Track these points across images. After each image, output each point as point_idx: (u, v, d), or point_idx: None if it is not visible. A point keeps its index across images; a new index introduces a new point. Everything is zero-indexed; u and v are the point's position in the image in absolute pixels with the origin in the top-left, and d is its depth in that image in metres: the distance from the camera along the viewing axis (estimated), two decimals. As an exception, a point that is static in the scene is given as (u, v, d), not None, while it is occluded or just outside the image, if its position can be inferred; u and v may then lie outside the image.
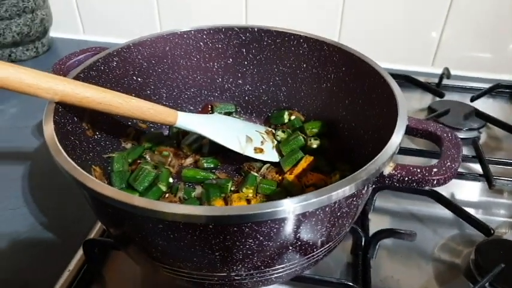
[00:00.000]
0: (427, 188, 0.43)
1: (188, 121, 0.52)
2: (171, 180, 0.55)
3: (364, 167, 0.35)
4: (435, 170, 0.36)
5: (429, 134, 0.42)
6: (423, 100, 0.84)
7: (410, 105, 0.83)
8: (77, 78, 0.48)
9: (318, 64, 0.58)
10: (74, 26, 1.08)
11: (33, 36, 0.97)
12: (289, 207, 0.31)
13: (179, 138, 0.61)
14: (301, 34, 0.58)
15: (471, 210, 0.55)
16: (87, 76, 0.50)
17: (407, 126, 0.42)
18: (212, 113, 0.65)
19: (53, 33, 1.07)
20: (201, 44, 0.61)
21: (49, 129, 0.40)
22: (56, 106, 0.43)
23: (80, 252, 0.51)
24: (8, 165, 0.69)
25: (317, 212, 0.34)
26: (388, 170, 0.37)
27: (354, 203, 0.38)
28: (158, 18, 1.00)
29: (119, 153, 0.55)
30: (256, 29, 0.60)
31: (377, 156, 0.36)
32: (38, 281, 0.50)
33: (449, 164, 0.37)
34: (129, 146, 0.58)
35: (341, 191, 0.33)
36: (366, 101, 0.52)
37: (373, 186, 0.39)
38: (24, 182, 0.65)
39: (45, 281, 0.49)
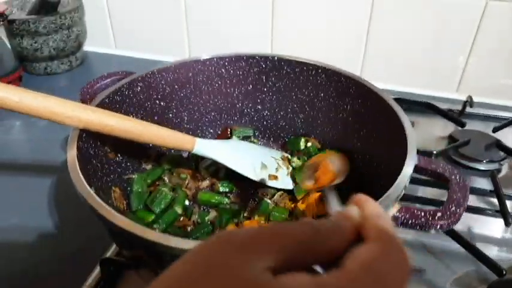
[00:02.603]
0: (433, 231, 0.43)
1: (205, 148, 0.55)
2: (187, 202, 0.57)
3: (367, 209, 0.36)
4: (439, 214, 0.37)
5: (438, 175, 0.42)
6: (445, 127, 0.84)
7: (431, 132, 0.82)
8: (102, 102, 0.51)
9: (335, 94, 0.59)
10: (106, 41, 1.13)
11: (68, 51, 1.01)
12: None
13: (197, 161, 0.64)
14: (319, 65, 0.59)
15: (486, 246, 0.55)
16: (112, 101, 0.53)
17: (416, 166, 0.42)
18: (231, 136, 0.67)
19: (86, 47, 1.12)
20: (223, 70, 0.63)
21: (72, 156, 0.43)
22: (80, 132, 0.46)
23: (97, 268, 0.53)
24: (34, 176, 0.73)
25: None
26: (392, 211, 0.38)
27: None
28: (187, 36, 1.04)
29: (138, 175, 0.58)
30: (276, 58, 0.62)
31: (381, 198, 0.37)
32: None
33: (453, 209, 0.37)
34: (149, 167, 0.61)
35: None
36: (380, 134, 0.53)
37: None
38: (50, 194, 0.68)
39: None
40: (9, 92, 0.39)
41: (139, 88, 0.57)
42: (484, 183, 0.69)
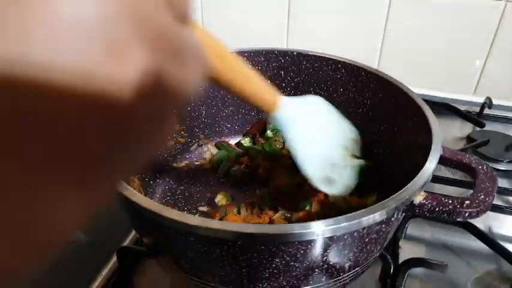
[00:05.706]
0: (460, 219, 0.42)
1: (288, 113, 0.46)
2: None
3: (394, 195, 0.35)
4: (467, 202, 0.36)
5: (463, 166, 0.41)
6: (463, 129, 0.83)
7: (449, 133, 0.82)
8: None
9: (355, 89, 0.59)
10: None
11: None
12: (318, 230, 0.32)
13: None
14: (340, 59, 0.59)
15: (507, 245, 0.53)
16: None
17: (441, 157, 0.42)
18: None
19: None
20: (241, 64, 0.63)
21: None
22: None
23: (114, 258, 0.53)
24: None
25: (345, 237, 0.34)
26: (418, 199, 0.37)
27: (383, 229, 0.38)
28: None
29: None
30: (295, 53, 0.61)
31: (408, 185, 0.36)
32: (72, 283, 0.52)
33: (482, 197, 0.36)
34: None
35: (371, 217, 0.33)
36: (402, 128, 0.52)
37: (403, 214, 0.39)
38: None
39: (78, 284, 0.51)
40: None
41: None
42: (505, 184, 0.67)
